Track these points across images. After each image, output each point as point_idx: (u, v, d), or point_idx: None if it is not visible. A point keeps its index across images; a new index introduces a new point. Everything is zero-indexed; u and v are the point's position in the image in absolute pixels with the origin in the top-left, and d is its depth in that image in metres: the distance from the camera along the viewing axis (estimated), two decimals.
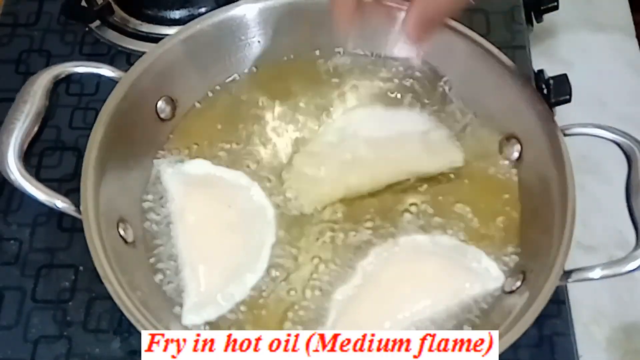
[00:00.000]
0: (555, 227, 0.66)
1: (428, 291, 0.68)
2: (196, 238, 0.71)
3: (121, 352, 0.70)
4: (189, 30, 0.78)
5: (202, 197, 0.74)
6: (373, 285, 0.69)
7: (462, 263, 0.70)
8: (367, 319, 0.67)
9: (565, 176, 0.68)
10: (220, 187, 0.75)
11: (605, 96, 0.91)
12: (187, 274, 0.70)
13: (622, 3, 0.99)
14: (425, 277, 0.69)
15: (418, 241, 0.71)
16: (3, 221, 0.78)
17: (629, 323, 0.76)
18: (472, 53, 0.77)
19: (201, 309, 0.68)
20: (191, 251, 0.71)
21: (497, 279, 0.69)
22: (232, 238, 0.72)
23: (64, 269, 0.75)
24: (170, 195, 0.74)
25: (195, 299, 0.68)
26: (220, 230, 0.72)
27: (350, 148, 0.75)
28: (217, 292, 0.69)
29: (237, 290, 0.69)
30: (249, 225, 0.72)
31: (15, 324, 0.72)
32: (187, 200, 0.73)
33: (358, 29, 0.73)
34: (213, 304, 0.68)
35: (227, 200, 0.74)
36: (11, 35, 0.92)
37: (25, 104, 0.70)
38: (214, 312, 0.68)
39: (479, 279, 0.69)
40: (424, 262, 0.70)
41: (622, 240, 0.79)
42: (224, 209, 0.73)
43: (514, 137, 0.76)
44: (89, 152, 0.69)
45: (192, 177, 0.75)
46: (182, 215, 0.73)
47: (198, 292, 0.69)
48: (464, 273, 0.69)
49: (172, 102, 0.78)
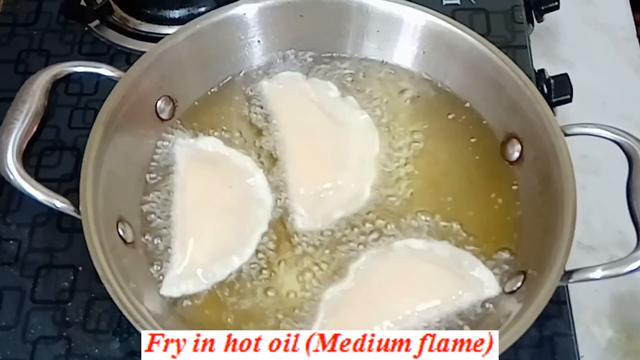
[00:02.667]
0: (555, 227, 0.66)
1: (420, 297, 0.68)
2: (191, 212, 0.72)
3: (120, 352, 0.70)
4: (188, 30, 0.78)
5: (206, 172, 0.75)
6: (364, 288, 0.68)
7: (456, 271, 0.69)
8: (356, 321, 0.66)
9: (566, 176, 0.68)
10: (226, 167, 0.75)
11: (605, 96, 0.91)
12: (175, 245, 0.70)
13: (622, 3, 0.99)
14: (417, 283, 0.69)
15: (413, 246, 0.71)
16: (2, 221, 0.78)
17: (630, 323, 0.76)
18: (472, 53, 0.77)
19: (181, 282, 0.69)
20: (184, 224, 0.71)
21: (492, 288, 0.68)
22: (227, 218, 0.72)
23: (63, 269, 0.75)
24: (176, 167, 0.75)
25: (177, 271, 0.69)
26: (217, 208, 0.73)
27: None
28: (199, 268, 0.69)
29: (220, 270, 0.69)
30: (245, 208, 0.73)
31: (14, 324, 0.72)
32: (191, 174, 0.74)
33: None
34: (193, 278, 0.69)
35: (229, 181, 0.74)
36: (10, 34, 0.92)
37: (24, 104, 0.70)
38: (193, 287, 0.69)
39: (474, 288, 0.68)
40: (417, 267, 0.70)
41: (623, 240, 0.79)
42: (225, 189, 0.74)
43: (514, 137, 0.75)
44: (88, 152, 0.69)
45: (201, 152, 0.76)
46: (184, 187, 0.73)
47: (181, 265, 0.69)
48: (458, 280, 0.69)
49: (172, 102, 0.78)
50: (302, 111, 0.79)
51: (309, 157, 0.76)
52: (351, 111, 0.79)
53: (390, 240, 0.71)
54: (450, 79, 0.80)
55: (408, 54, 0.81)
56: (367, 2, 0.80)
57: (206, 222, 0.72)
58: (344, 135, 0.77)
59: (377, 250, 0.71)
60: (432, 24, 0.79)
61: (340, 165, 0.76)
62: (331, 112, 0.79)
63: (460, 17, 0.87)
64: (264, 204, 0.73)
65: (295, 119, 0.78)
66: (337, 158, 0.76)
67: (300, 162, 0.75)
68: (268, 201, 0.73)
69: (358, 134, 0.78)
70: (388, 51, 0.82)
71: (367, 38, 0.82)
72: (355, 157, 0.76)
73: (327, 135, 0.77)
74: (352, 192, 0.74)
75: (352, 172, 0.75)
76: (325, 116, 0.78)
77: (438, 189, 0.75)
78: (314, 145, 0.77)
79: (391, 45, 0.82)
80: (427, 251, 0.70)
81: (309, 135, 0.77)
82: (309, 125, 0.78)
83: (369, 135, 0.78)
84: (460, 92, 0.80)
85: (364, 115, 0.79)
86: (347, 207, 0.73)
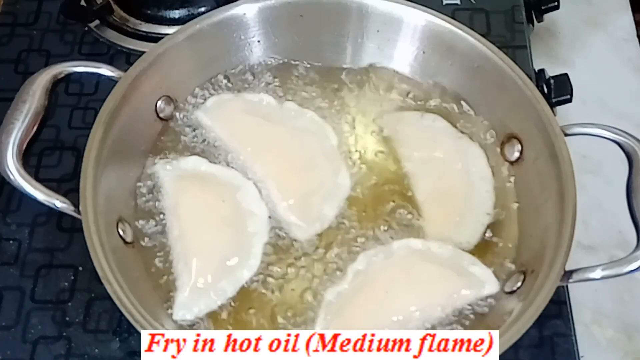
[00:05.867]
0: (555, 227, 0.66)
1: (421, 296, 0.68)
2: (189, 232, 0.71)
3: (120, 352, 0.70)
4: (188, 30, 0.78)
5: (196, 192, 0.74)
6: (365, 287, 0.68)
7: (456, 269, 0.69)
8: (358, 321, 0.66)
9: (566, 176, 0.68)
10: (214, 182, 0.75)
11: (605, 96, 0.91)
12: (180, 268, 0.70)
13: (622, 3, 0.99)
14: (418, 282, 0.69)
15: (412, 246, 0.71)
16: (2, 221, 0.78)
17: (630, 323, 0.76)
18: (472, 53, 0.77)
19: (193, 304, 0.68)
20: (184, 245, 0.71)
21: (492, 284, 0.68)
22: (225, 232, 0.72)
23: (63, 269, 0.75)
24: (165, 191, 0.74)
25: (186, 294, 0.68)
26: (214, 223, 0.72)
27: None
28: (209, 287, 0.69)
29: (229, 286, 0.69)
30: (242, 220, 0.72)
31: (14, 324, 0.72)
32: (181, 195, 0.73)
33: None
34: (205, 299, 0.68)
35: (221, 195, 0.74)
36: (10, 34, 0.92)
37: (24, 104, 0.70)
38: (205, 307, 0.68)
39: (473, 285, 0.68)
40: (417, 267, 0.70)
41: (623, 240, 0.79)
42: (218, 204, 0.73)
43: (514, 137, 0.75)
44: (88, 152, 0.69)
45: (187, 172, 0.75)
46: (176, 210, 0.72)
47: (190, 287, 0.69)
48: (457, 279, 0.69)
49: (171, 102, 0.78)
50: (251, 128, 0.78)
51: (280, 171, 0.75)
52: (296, 113, 0.79)
53: (390, 242, 0.71)
54: (450, 79, 0.80)
55: (408, 54, 0.81)
56: (367, 2, 0.80)
57: (206, 239, 0.71)
58: (300, 137, 0.77)
59: (376, 250, 0.71)
60: (432, 24, 0.79)
61: (310, 165, 0.76)
62: (277, 120, 0.78)
63: (460, 17, 0.87)
64: (259, 213, 0.73)
65: (248, 138, 0.77)
66: (304, 160, 0.76)
67: (275, 177, 0.75)
68: (263, 210, 0.73)
69: (310, 132, 0.78)
70: (388, 51, 0.82)
71: (367, 38, 0.82)
72: (319, 152, 0.76)
73: (285, 143, 0.77)
74: (332, 183, 0.75)
75: (323, 167, 0.76)
76: (272, 126, 0.78)
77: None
78: (278, 156, 0.76)
79: (391, 45, 0.82)
80: (426, 251, 0.70)
81: (269, 150, 0.77)
82: (264, 140, 0.77)
83: (320, 129, 0.78)
84: (460, 92, 0.80)
85: (309, 113, 0.79)
86: (334, 198, 0.74)
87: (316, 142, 0.77)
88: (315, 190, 0.74)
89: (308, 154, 0.76)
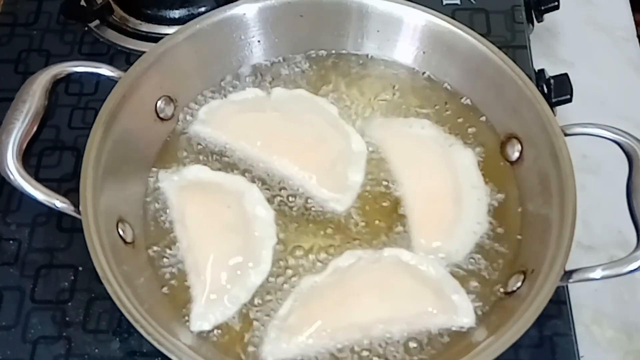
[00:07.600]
0: (555, 227, 0.66)
1: (391, 309, 0.67)
2: (198, 242, 0.71)
3: (120, 352, 0.70)
4: (188, 30, 0.78)
5: (200, 199, 0.74)
6: (339, 285, 0.68)
7: (436, 291, 0.68)
8: (321, 315, 0.66)
9: (566, 176, 0.68)
10: (218, 189, 0.75)
11: (605, 96, 0.91)
12: (192, 279, 0.70)
13: (622, 3, 0.99)
14: (393, 294, 0.68)
15: (402, 258, 0.70)
16: (2, 221, 0.78)
17: (630, 323, 0.76)
18: (472, 53, 0.77)
19: (209, 314, 0.68)
20: (194, 256, 0.70)
21: (468, 317, 0.67)
22: (234, 238, 0.71)
23: (63, 269, 0.75)
24: (170, 202, 0.74)
25: (202, 305, 0.68)
26: (222, 230, 0.72)
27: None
28: (223, 296, 0.68)
29: (242, 292, 0.69)
30: (249, 224, 0.72)
31: (14, 324, 0.72)
32: (186, 205, 0.73)
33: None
34: (220, 307, 0.68)
35: (226, 202, 0.73)
36: (10, 34, 0.92)
37: (24, 104, 0.70)
38: (221, 316, 0.68)
39: (448, 312, 0.67)
40: (398, 279, 0.69)
41: (622, 240, 0.79)
42: (224, 210, 0.73)
43: (514, 137, 0.75)
44: (88, 152, 0.69)
45: (189, 181, 0.75)
46: (183, 220, 0.72)
47: (204, 297, 0.68)
48: (435, 300, 0.68)
49: (171, 102, 0.78)
50: (252, 124, 0.78)
51: (297, 152, 0.76)
52: (287, 96, 0.80)
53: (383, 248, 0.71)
54: (450, 79, 0.80)
55: (408, 54, 0.82)
56: (367, 2, 0.80)
57: (215, 247, 0.71)
58: (300, 117, 0.78)
59: (365, 252, 0.70)
60: (432, 24, 0.79)
61: (321, 138, 0.76)
62: (271, 108, 0.79)
63: (460, 17, 0.87)
64: (266, 216, 0.73)
65: (254, 134, 0.77)
66: (314, 135, 0.77)
67: (295, 160, 0.75)
68: (269, 213, 0.73)
69: (307, 109, 0.79)
70: (388, 51, 0.82)
71: (367, 38, 0.82)
72: (324, 125, 0.77)
73: (289, 126, 0.77)
74: (348, 150, 0.76)
75: (334, 137, 0.77)
76: (270, 115, 0.78)
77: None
78: (288, 140, 0.77)
79: (391, 45, 0.82)
80: (413, 266, 0.70)
81: (278, 137, 0.77)
82: (269, 131, 0.77)
83: (315, 104, 0.79)
84: (460, 92, 0.80)
85: (297, 90, 0.80)
86: (357, 163, 0.75)
87: (317, 116, 0.78)
88: (336, 160, 0.75)
89: (315, 129, 0.77)
